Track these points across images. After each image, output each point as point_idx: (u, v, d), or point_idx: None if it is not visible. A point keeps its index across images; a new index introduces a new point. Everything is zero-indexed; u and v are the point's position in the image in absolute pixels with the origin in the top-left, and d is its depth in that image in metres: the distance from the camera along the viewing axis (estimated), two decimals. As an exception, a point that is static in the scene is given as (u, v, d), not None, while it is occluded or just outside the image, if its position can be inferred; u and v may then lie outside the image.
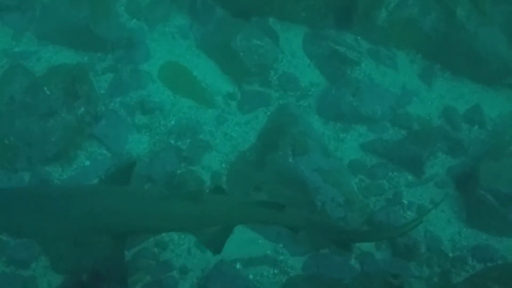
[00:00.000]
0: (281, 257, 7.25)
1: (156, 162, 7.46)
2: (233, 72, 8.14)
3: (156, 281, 6.95)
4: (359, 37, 8.47)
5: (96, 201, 5.55)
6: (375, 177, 7.74)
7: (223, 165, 7.64)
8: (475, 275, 6.54)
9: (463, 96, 8.40)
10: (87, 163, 7.49)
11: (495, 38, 8.27)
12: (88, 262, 6.81)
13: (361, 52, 8.38)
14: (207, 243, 5.83)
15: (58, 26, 8.03)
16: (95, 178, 7.37)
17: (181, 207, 5.59)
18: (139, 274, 6.95)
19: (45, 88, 7.37)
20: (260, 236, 7.33)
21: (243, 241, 7.27)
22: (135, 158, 7.35)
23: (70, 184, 7.24)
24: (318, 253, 7.30)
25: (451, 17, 8.29)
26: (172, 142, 7.67)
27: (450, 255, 7.43)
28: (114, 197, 5.63)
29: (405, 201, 7.66)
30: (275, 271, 7.17)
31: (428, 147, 7.84)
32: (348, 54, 8.29)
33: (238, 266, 7.11)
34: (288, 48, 8.36)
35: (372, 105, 8.01)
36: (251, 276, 7.10)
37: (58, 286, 6.86)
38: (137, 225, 5.64)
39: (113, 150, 7.56)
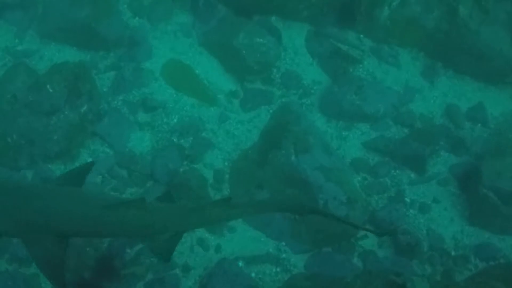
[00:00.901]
0: (284, 255, 7.25)
1: (158, 160, 7.47)
2: (236, 70, 8.14)
3: (159, 279, 6.96)
4: (361, 35, 8.47)
5: (40, 200, 5.38)
6: (378, 175, 7.74)
7: (226, 163, 7.65)
8: (478, 274, 6.51)
9: (465, 94, 8.40)
10: (90, 161, 7.49)
11: (497, 36, 8.26)
12: (90, 260, 6.83)
13: (364, 50, 8.38)
14: (155, 251, 5.75)
15: (60, 24, 8.03)
16: (98, 176, 7.39)
17: (124, 215, 5.42)
18: (136, 267, 6.94)
19: (47, 86, 7.38)
20: (262, 234, 7.33)
21: (246, 239, 7.28)
22: (92, 160, 7.21)
23: (20, 181, 7.14)
24: (321, 251, 7.30)
25: (453, 15, 8.28)
26: (174, 140, 7.67)
27: (453, 253, 7.43)
28: (59, 197, 5.46)
29: (407, 199, 7.65)
30: (277, 269, 7.18)
31: (430, 145, 7.84)
32: (351, 52, 8.29)
33: (240, 264, 7.12)
34: (290, 46, 8.36)
35: (375, 103, 8.00)
36: (253, 274, 7.10)
37: (60, 284, 6.86)
38: (77, 228, 5.47)
39: (115, 148, 7.57)
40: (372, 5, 8.31)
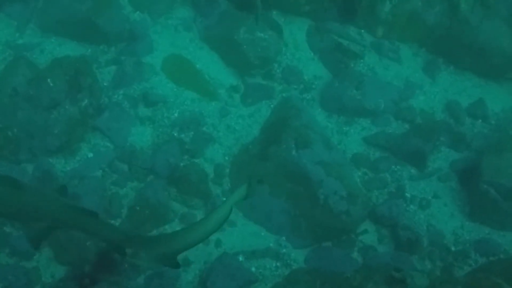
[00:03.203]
0: (284, 250, 7.26)
1: (159, 154, 7.47)
2: (237, 65, 8.14)
3: (158, 273, 6.96)
4: (362, 30, 8.46)
5: None
6: (378, 171, 7.74)
7: (226, 158, 7.65)
8: (478, 269, 6.54)
9: (466, 90, 8.39)
10: (90, 155, 7.50)
11: (498, 32, 8.25)
12: (91, 254, 6.84)
13: (365, 45, 8.37)
14: (29, 239, 5.79)
15: (61, 18, 8.03)
16: (98, 170, 7.39)
17: None
18: (136, 260, 6.94)
19: (48, 80, 7.39)
20: (262, 229, 7.34)
21: (246, 234, 7.29)
22: None
23: None
24: (321, 246, 7.31)
25: (454, 11, 8.28)
26: (175, 134, 7.67)
27: (453, 249, 7.44)
28: None
29: (408, 195, 7.65)
30: (278, 264, 7.18)
31: (431, 141, 7.84)
32: (352, 47, 8.28)
33: (240, 258, 7.13)
34: (291, 41, 8.35)
35: (375, 98, 8.00)
36: (253, 269, 7.11)
37: (61, 278, 6.88)
38: None
39: (116, 142, 7.57)
40: (374, 0, 8.30)
